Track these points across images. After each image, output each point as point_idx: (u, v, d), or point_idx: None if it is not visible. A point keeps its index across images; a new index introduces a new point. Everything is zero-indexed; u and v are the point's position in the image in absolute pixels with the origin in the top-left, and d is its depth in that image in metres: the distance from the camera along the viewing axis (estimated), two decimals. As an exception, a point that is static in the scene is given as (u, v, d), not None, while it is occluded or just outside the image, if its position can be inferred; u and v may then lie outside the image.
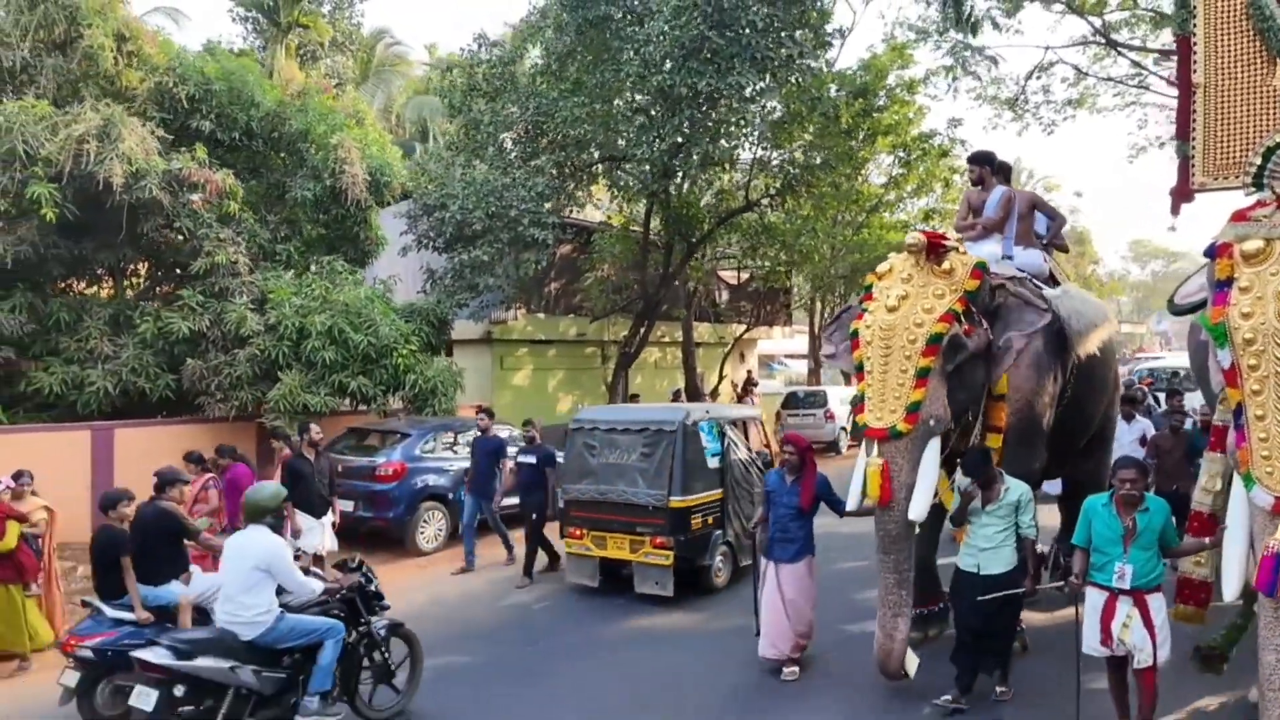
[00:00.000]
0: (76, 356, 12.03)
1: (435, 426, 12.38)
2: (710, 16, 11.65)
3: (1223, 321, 4.91)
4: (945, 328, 6.08)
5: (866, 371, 6.26)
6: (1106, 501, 5.40)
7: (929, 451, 6.11)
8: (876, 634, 6.25)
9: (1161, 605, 5.29)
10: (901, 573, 6.14)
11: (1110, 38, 20.85)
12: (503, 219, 13.19)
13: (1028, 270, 7.66)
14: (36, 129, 10.74)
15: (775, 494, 6.95)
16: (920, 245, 6.32)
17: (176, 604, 6.45)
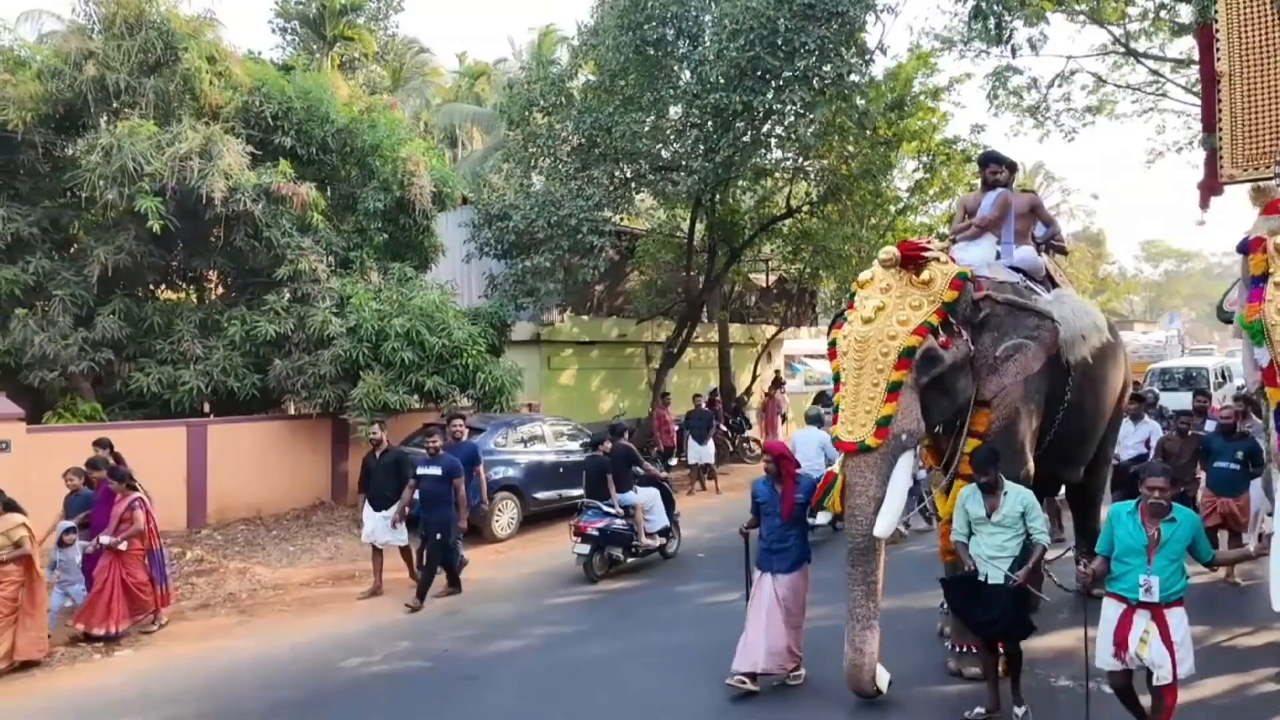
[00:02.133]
0: (170, 358, 12.86)
1: (505, 422, 13.23)
2: (765, 39, 12.47)
3: (1259, 319, 4.75)
4: (918, 341, 5.98)
5: (841, 383, 6.20)
6: (1132, 509, 5.18)
7: (900, 466, 6.02)
8: (845, 649, 6.05)
9: (1182, 620, 5.03)
10: (870, 585, 6.02)
11: (1129, 46, 21.57)
12: (563, 227, 14.00)
13: (1024, 268, 7.53)
14: (143, 147, 11.59)
15: (766, 504, 6.78)
16: (893, 259, 6.19)
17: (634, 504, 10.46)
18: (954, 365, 6.19)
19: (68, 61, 12.14)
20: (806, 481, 6.82)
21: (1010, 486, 6.00)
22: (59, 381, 12.29)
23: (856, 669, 6.01)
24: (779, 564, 6.63)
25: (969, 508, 6.04)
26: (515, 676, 7.28)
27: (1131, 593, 5.02)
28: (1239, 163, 6.18)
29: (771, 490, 6.77)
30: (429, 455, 9.55)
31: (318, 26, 24.36)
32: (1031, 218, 7.86)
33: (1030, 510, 5.95)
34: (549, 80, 15.48)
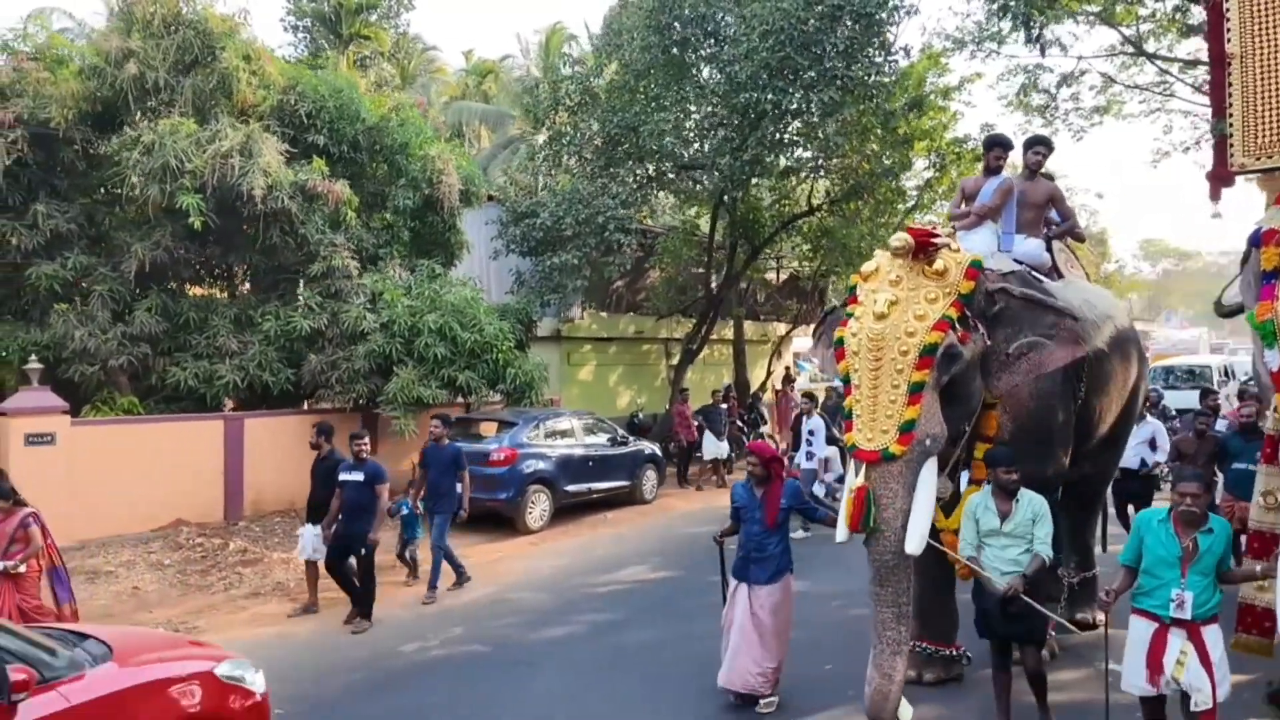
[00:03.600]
0: (206, 352, 13.06)
1: (537, 416, 13.47)
2: (795, 40, 12.70)
3: (1271, 318, 4.51)
4: (940, 337, 5.52)
5: (854, 386, 5.66)
6: (1164, 517, 4.78)
7: (925, 474, 5.55)
8: (871, 674, 5.53)
9: (1219, 638, 4.66)
10: (900, 607, 5.54)
11: (1139, 47, 21.83)
12: (590, 225, 14.23)
13: (1027, 261, 7.11)
14: (184, 145, 11.78)
15: (745, 509, 6.34)
16: (906, 247, 5.72)
17: None
18: (970, 364, 5.75)
19: (108, 60, 12.32)
20: (792, 487, 6.42)
21: (1023, 493, 5.64)
22: (98, 375, 12.49)
23: (882, 697, 5.42)
24: (758, 574, 6.19)
25: (979, 518, 5.70)
26: (568, 662, 7.51)
27: (1163, 609, 4.62)
28: (1250, 151, 5.73)
29: (751, 495, 6.33)
30: (354, 460, 8.68)
31: (334, 25, 24.51)
32: (1045, 208, 7.43)
33: (1040, 518, 5.57)
34: (574, 80, 15.68)
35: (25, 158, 12.07)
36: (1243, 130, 5.74)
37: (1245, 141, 5.74)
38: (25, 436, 11.14)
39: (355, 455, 8.73)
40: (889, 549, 5.50)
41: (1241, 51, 5.71)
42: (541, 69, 33.29)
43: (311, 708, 6.65)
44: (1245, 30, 5.70)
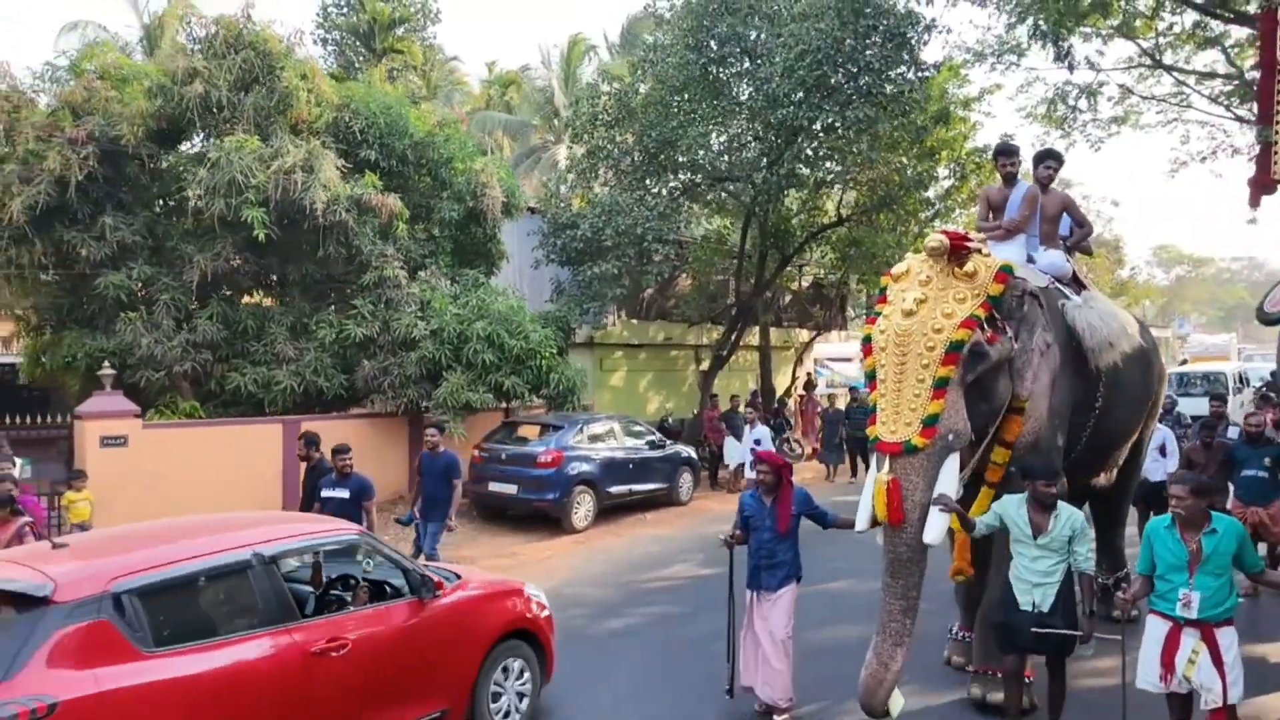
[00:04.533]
0: (264, 359, 13.62)
1: (580, 420, 13.99)
2: (832, 58, 13.23)
3: None
4: (967, 334, 5.62)
5: (880, 380, 5.80)
6: (1169, 524, 4.96)
7: (946, 469, 5.62)
8: (869, 660, 5.57)
9: (1233, 640, 4.79)
10: (909, 599, 5.60)
11: (1155, 58, 22.29)
12: (629, 236, 14.76)
13: (1050, 272, 7.21)
14: (249, 161, 12.34)
15: (754, 518, 6.36)
16: (942, 248, 5.81)
17: None
18: (996, 364, 5.82)
19: (174, 79, 12.90)
20: (801, 494, 6.43)
21: (1062, 507, 5.64)
22: (162, 380, 13.04)
23: (876, 683, 5.47)
24: (768, 581, 6.23)
25: (1007, 520, 5.72)
26: (643, 648, 8.03)
27: (1174, 610, 4.81)
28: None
29: (760, 504, 6.36)
30: (337, 476, 8.34)
31: (367, 39, 25.14)
32: (1060, 218, 7.54)
33: (1080, 534, 5.56)
34: (612, 96, 16.23)
35: (95, 173, 12.65)
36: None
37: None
38: (101, 439, 11.74)
39: (339, 470, 8.30)
40: (906, 541, 5.57)
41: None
42: (563, 79, 33.93)
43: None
44: None
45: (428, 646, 5.52)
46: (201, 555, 4.65)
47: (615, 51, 37.05)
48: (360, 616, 5.27)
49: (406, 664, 5.34)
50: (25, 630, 3.94)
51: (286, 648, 4.69)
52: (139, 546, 4.69)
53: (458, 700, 5.70)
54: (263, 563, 4.82)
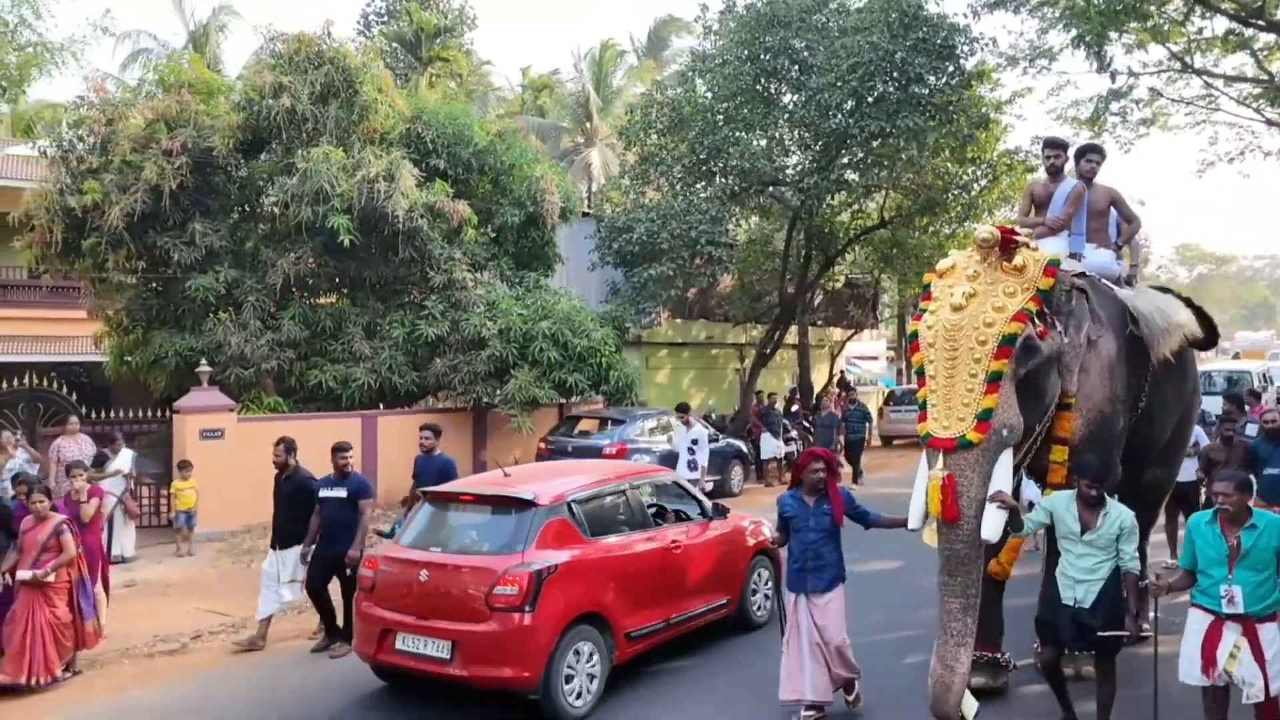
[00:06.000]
0: (342, 357, 14.40)
1: (640, 414, 14.73)
2: (883, 70, 13.92)
3: None
4: (1019, 328, 5.50)
5: (930, 376, 5.68)
6: (1210, 519, 4.96)
7: (1001, 464, 5.52)
8: (934, 666, 5.47)
9: (1276, 634, 4.76)
10: (969, 597, 5.49)
11: (1185, 62, 22.80)
12: (684, 239, 15.48)
13: (1099, 272, 7.05)
14: (334, 171, 13.12)
15: (798, 519, 6.08)
16: (994, 240, 5.73)
17: None
18: (1048, 359, 5.73)
19: (261, 93, 13.70)
20: (846, 493, 6.28)
21: (1111, 505, 5.56)
22: (249, 377, 13.84)
23: (945, 688, 5.37)
24: (814, 584, 5.99)
25: (1057, 518, 5.68)
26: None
27: (1216, 604, 4.81)
28: None
29: (803, 504, 6.10)
30: (335, 475, 7.92)
31: (414, 48, 25.94)
32: (1108, 214, 7.41)
33: (1128, 533, 5.47)
34: (665, 104, 16.97)
35: (186, 181, 13.46)
36: None
37: None
38: (200, 432, 12.56)
39: (338, 469, 7.92)
40: (962, 538, 5.47)
41: None
42: (595, 84, 34.69)
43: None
44: None
45: (719, 554, 7.61)
46: (602, 482, 7.17)
47: (642, 55, 37.81)
48: (681, 528, 7.46)
49: (708, 563, 7.39)
50: (526, 523, 6.30)
51: (652, 543, 7.07)
52: (556, 476, 7.44)
53: (734, 594, 7.79)
54: (631, 489, 7.28)
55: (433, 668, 6.11)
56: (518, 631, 5.88)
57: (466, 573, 6.18)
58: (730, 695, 6.67)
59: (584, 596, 6.29)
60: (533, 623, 5.91)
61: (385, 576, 6.49)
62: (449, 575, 6.19)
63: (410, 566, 6.34)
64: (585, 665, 6.28)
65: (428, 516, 6.87)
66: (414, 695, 6.76)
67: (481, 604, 5.97)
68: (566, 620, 6.11)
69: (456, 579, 6.16)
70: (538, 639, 5.93)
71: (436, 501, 6.96)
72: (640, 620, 6.74)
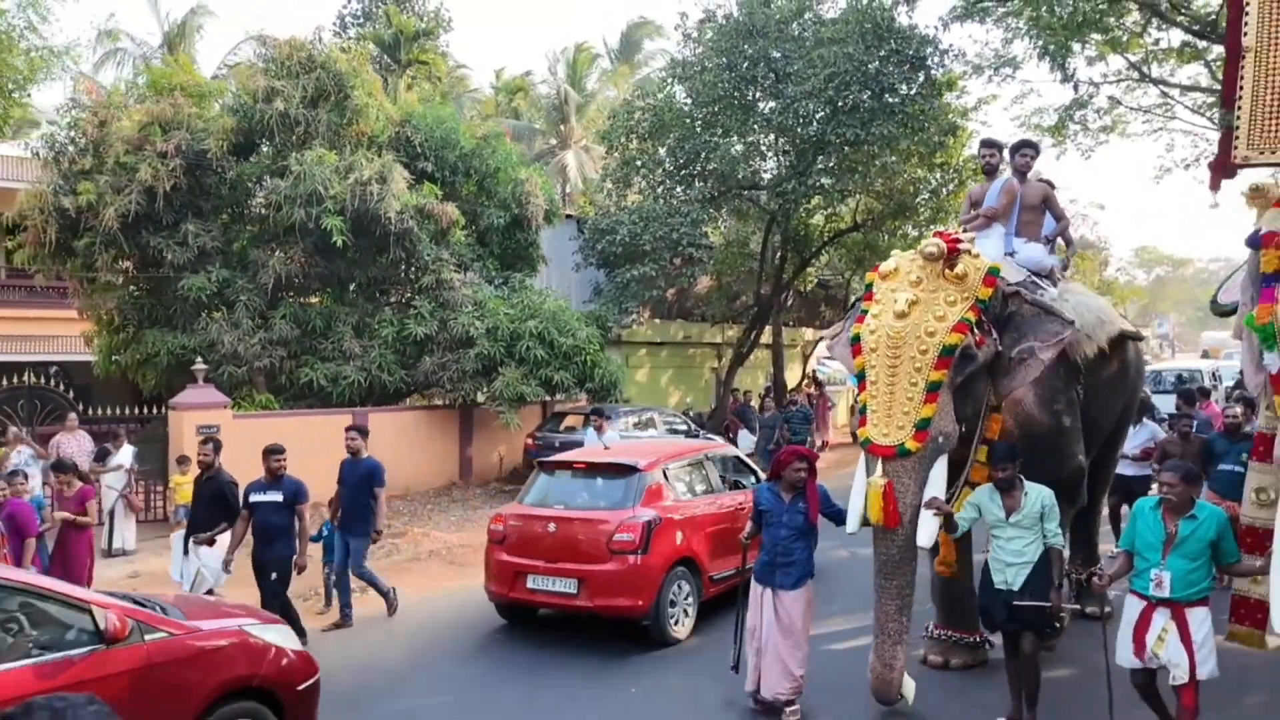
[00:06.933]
0: (332, 355, 14.71)
1: (625, 410, 15.18)
2: (858, 79, 14.51)
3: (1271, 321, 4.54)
4: (960, 338, 5.65)
5: (870, 382, 5.78)
6: (1155, 505, 5.06)
7: (936, 470, 5.71)
8: (873, 662, 5.76)
9: (1205, 620, 4.89)
10: (904, 599, 5.73)
11: (1143, 72, 23.71)
12: (666, 240, 15.97)
13: (1029, 266, 7.18)
14: (327, 173, 13.45)
15: (772, 513, 6.10)
16: (940, 253, 5.83)
17: None
18: (981, 366, 5.91)
19: (254, 97, 14.00)
20: (823, 490, 6.34)
21: (1030, 486, 5.72)
22: (243, 375, 14.12)
23: (884, 684, 5.72)
24: (783, 580, 6.01)
25: (984, 509, 5.81)
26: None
27: (1147, 588, 4.96)
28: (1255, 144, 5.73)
29: (778, 499, 6.13)
30: (267, 478, 7.66)
31: (393, 50, 26.13)
32: (1041, 210, 7.54)
33: (1049, 511, 5.64)
34: (647, 110, 17.46)
35: (180, 183, 13.72)
36: (1249, 124, 5.76)
37: (1250, 135, 5.78)
38: (197, 427, 12.80)
39: (270, 472, 7.64)
40: (898, 543, 5.68)
41: (1257, 46, 5.71)
42: (571, 86, 35.12)
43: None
44: (1263, 25, 5.71)
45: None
46: (684, 453, 8.70)
47: (614, 58, 38.30)
48: (744, 494, 8.58)
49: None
50: (633, 485, 7.75)
51: (725, 504, 8.40)
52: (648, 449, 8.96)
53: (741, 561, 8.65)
54: (706, 459, 8.73)
55: (561, 601, 7.64)
56: (633, 570, 7.35)
57: (589, 524, 7.64)
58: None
59: (680, 544, 7.70)
60: (644, 563, 7.36)
61: (515, 530, 7.93)
62: (574, 527, 7.68)
63: (538, 521, 7.83)
64: (683, 600, 7.72)
65: (545, 482, 8.37)
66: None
67: (603, 549, 7.42)
68: (669, 562, 7.56)
69: (581, 529, 7.65)
70: (649, 576, 7.39)
71: (551, 470, 8.50)
72: (719, 567, 8.06)
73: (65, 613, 4.51)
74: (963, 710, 6.16)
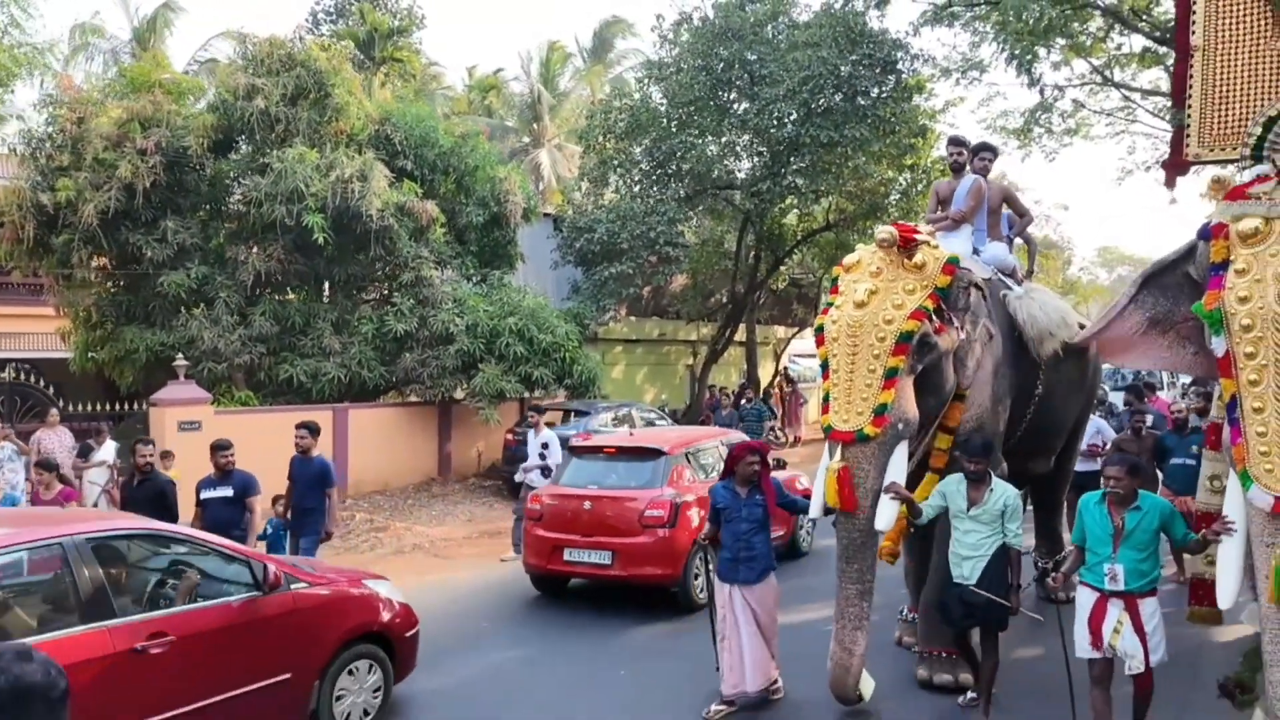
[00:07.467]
0: (311, 352, 14.79)
1: (604, 406, 15.42)
2: (832, 82, 14.84)
3: (1218, 307, 4.64)
4: (916, 325, 5.78)
5: (832, 370, 5.95)
6: (1100, 499, 5.17)
7: (896, 456, 5.83)
8: (833, 649, 5.78)
9: (1155, 610, 5.05)
10: (865, 583, 5.83)
11: (1105, 76, 24.32)
12: (643, 239, 16.22)
13: (994, 264, 7.43)
14: (308, 171, 13.55)
15: (730, 509, 6.17)
16: (892, 239, 5.97)
17: None
18: (944, 354, 6.05)
19: (235, 94, 14.05)
20: (777, 483, 6.49)
21: (996, 483, 5.83)
22: (222, 371, 14.17)
23: (843, 670, 5.74)
24: (746, 574, 6.09)
25: (949, 498, 5.90)
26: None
27: (1100, 581, 5.05)
28: (1206, 142, 5.86)
29: (734, 495, 6.20)
30: (216, 475, 7.63)
31: (367, 48, 26.12)
32: (1002, 210, 7.77)
33: (1012, 511, 5.74)
34: (624, 110, 17.69)
35: (159, 180, 13.75)
36: (1200, 122, 5.87)
37: (1202, 132, 5.88)
38: (178, 423, 12.87)
39: (219, 468, 7.61)
40: (859, 527, 5.80)
41: (1205, 44, 5.83)
42: (543, 84, 35.26)
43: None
44: (1209, 25, 5.82)
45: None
46: (702, 439, 9.55)
47: (587, 57, 38.46)
48: None
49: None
50: (660, 466, 8.58)
51: None
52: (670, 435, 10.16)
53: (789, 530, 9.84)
54: (721, 445, 9.33)
55: (597, 571, 8.50)
56: (663, 543, 8.15)
57: (622, 502, 8.44)
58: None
59: (702, 520, 8.01)
60: (672, 536, 8.16)
61: (552, 508, 8.78)
62: (608, 504, 8.49)
63: (574, 499, 8.65)
64: (706, 570, 8.19)
65: (578, 464, 9.18)
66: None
67: (636, 523, 8.23)
68: (694, 536, 8.19)
69: (614, 506, 8.45)
70: (677, 548, 8.20)
71: (582, 454, 9.29)
72: None
73: (229, 565, 5.35)
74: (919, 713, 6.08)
